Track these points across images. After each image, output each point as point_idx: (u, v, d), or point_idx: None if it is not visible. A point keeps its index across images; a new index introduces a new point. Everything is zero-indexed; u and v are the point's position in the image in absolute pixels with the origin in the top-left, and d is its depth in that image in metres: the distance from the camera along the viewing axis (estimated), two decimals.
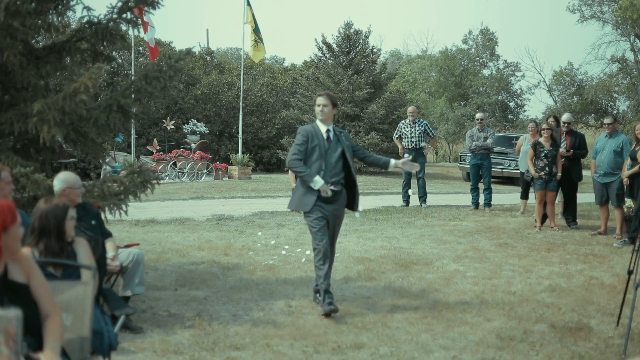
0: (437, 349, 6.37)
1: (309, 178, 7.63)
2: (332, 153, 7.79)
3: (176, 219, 14.63)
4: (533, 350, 6.35)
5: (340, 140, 7.90)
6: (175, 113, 35.46)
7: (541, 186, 13.63)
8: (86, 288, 4.17)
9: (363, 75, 33.09)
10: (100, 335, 4.76)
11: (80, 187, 6.59)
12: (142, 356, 6.08)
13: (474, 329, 7.02)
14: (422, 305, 7.90)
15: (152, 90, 8.11)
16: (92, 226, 6.81)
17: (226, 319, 7.26)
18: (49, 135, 7.20)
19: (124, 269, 7.00)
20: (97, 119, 7.77)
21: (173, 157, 27.84)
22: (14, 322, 2.87)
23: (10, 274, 3.78)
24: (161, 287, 8.63)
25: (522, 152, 15.72)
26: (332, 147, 7.82)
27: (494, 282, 9.19)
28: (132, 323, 6.85)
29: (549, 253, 11.34)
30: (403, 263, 10.28)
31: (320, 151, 7.73)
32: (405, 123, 17.72)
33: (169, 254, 10.69)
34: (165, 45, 38.41)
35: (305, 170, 7.66)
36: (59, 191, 6.43)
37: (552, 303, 8.11)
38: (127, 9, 8.08)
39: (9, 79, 7.57)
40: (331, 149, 7.80)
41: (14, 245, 3.63)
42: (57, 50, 8.03)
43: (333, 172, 7.77)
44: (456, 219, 15.37)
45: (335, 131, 7.96)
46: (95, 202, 7.53)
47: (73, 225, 5.07)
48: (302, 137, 7.78)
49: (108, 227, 7.33)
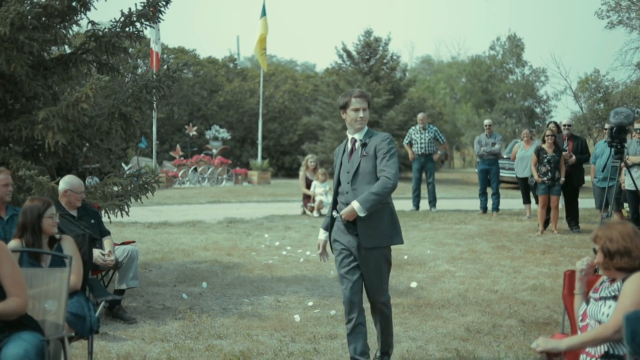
0: (405, 339, 6.84)
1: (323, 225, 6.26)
2: (349, 170, 5.92)
3: (188, 222, 15.22)
4: (496, 342, 6.80)
5: (366, 147, 5.87)
6: (198, 119, 36.21)
7: (544, 191, 13.99)
8: (63, 275, 4.74)
9: (382, 82, 33.54)
10: (83, 319, 5.37)
11: (81, 192, 7.26)
12: (131, 343, 6.64)
13: (447, 323, 7.48)
14: (404, 302, 8.35)
15: (151, 99, 8.66)
16: (91, 225, 7.42)
17: (215, 312, 7.81)
18: (54, 141, 7.82)
19: (119, 264, 7.56)
20: (100, 125, 8.37)
21: (194, 162, 28.49)
22: None
23: None
24: (161, 283, 9.19)
25: (517, 158, 16.12)
26: (354, 159, 5.93)
27: (480, 281, 9.61)
28: (126, 314, 7.45)
29: (543, 255, 11.71)
30: (397, 263, 10.71)
31: (338, 168, 6.05)
32: (416, 129, 18.16)
33: (174, 253, 11.26)
34: (189, 53, 39.13)
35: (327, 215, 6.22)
36: (61, 192, 7.10)
37: (529, 301, 8.52)
38: (130, 24, 8.66)
39: (18, 89, 8.19)
40: (352, 162, 5.93)
41: None
42: (64, 62, 8.65)
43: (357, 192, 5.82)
44: (462, 222, 15.76)
45: (365, 137, 5.92)
46: (96, 203, 8.11)
47: (53, 223, 5.63)
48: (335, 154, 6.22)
49: (122, 229, 7.92)
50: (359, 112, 5.85)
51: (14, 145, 8.44)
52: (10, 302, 4.35)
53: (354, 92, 5.94)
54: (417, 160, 17.99)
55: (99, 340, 6.63)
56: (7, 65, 7.65)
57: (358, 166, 5.84)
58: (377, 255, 5.83)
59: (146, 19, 8.73)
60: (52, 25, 8.32)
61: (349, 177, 5.89)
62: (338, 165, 6.03)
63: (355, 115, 5.85)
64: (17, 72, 7.76)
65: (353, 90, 5.98)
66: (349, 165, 5.92)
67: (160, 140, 32.80)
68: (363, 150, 5.87)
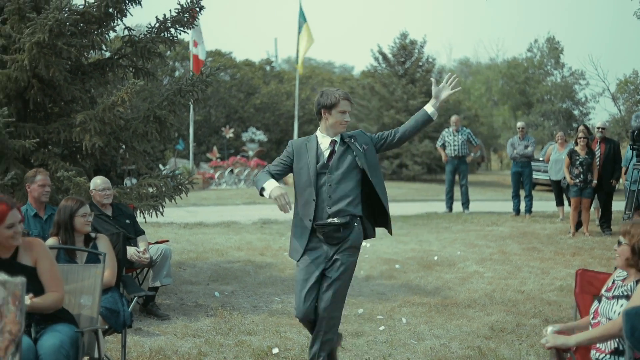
0: (430, 337, 7.02)
1: (258, 183, 5.63)
2: (335, 171, 5.61)
3: (223, 222, 15.49)
4: (518, 340, 6.94)
5: (352, 148, 5.63)
6: (235, 122, 36.60)
7: (576, 193, 14.03)
8: (97, 271, 5.00)
9: (418, 84, 33.63)
10: (117, 314, 5.63)
11: (105, 190, 7.53)
12: (163, 338, 6.90)
13: (471, 321, 7.63)
14: (431, 302, 8.51)
15: (185, 103, 8.92)
16: (125, 224, 7.70)
17: (246, 310, 8.05)
18: (91, 143, 8.12)
19: (153, 262, 7.82)
20: (135, 128, 8.66)
21: (230, 164, 28.82)
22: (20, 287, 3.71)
23: (19, 258, 4.64)
24: (195, 282, 9.44)
25: (551, 160, 16.15)
26: (335, 164, 5.63)
27: (507, 281, 9.73)
28: (159, 311, 7.72)
29: (573, 257, 11.78)
30: (426, 264, 10.89)
31: (309, 171, 5.63)
32: (449, 131, 18.25)
33: (209, 253, 11.52)
34: (226, 56, 39.55)
35: (259, 176, 5.71)
36: (90, 192, 7.44)
37: (555, 301, 8.64)
38: (165, 29, 8.93)
39: (56, 93, 8.49)
40: (333, 165, 5.62)
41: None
42: (101, 67, 8.96)
43: (335, 198, 5.59)
44: (494, 224, 15.83)
45: (344, 139, 5.69)
46: (132, 203, 8.39)
47: (86, 221, 5.89)
48: (288, 150, 5.81)
49: (158, 229, 8.19)
50: (346, 115, 5.62)
51: (53, 147, 8.76)
52: (48, 296, 4.60)
53: (342, 93, 5.62)
54: (451, 162, 18.08)
55: (132, 335, 6.90)
56: (46, 70, 7.95)
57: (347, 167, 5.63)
58: None
59: (181, 24, 8.97)
60: (90, 31, 8.62)
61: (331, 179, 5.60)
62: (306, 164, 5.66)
63: (341, 117, 5.59)
64: (55, 77, 8.06)
65: (339, 91, 5.63)
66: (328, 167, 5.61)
67: (197, 142, 33.26)
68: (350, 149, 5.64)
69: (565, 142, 16.23)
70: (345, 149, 5.65)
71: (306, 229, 5.59)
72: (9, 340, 3.78)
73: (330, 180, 5.58)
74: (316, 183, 5.59)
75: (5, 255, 4.59)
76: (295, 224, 5.75)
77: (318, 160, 5.63)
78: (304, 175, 5.63)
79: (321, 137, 5.73)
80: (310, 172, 5.60)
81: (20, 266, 4.54)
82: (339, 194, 5.56)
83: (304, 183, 5.62)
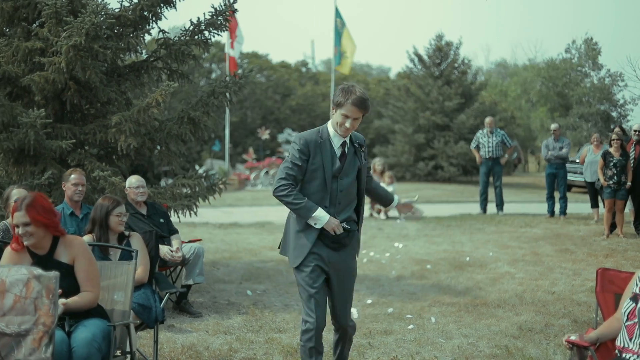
0: (458, 336, 7.07)
1: (306, 213, 5.01)
2: (345, 177, 5.17)
3: (257, 223, 15.65)
4: (546, 340, 6.97)
5: (358, 156, 5.25)
6: (271, 123, 36.85)
7: (610, 195, 13.95)
8: (129, 267, 5.15)
9: (453, 85, 33.57)
10: (149, 310, 5.80)
11: (138, 187, 7.73)
12: (195, 335, 7.05)
13: (500, 321, 7.67)
14: (461, 301, 8.56)
15: (219, 104, 9.08)
16: (159, 223, 7.87)
17: (277, 308, 8.17)
18: (126, 144, 8.30)
19: (186, 261, 7.98)
20: (170, 129, 8.82)
21: (266, 165, 29.03)
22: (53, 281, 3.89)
23: (56, 254, 4.80)
24: (228, 280, 9.60)
25: (586, 162, 16.07)
26: (347, 168, 5.18)
27: (538, 282, 9.73)
28: (192, 308, 7.87)
29: (606, 258, 11.72)
30: (458, 265, 10.93)
31: (325, 174, 5.09)
32: (483, 133, 18.23)
33: (242, 253, 11.68)
34: (262, 58, 39.81)
35: (300, 201, 5.00)
36: (124, 189, 7.69)
37: (585, 302, 8.64)
38: (199, 32, 9.09)
39: (93, 94, 8.69)
40: (345, 170, 5.17)
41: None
42: (136, 69, 9.14)
43: (344, 204, 5.22)
44: (527, 226, 15.79)
45: (353, 142, 5.25)
46: (166, 203, 8.56)
47: (120, 221, 6.08)
48: (301, 148, 5.07)
49: (193, 229, 8.35)
50: (347, 120, 5.00)
51: (89, 147, 8.97)
52: (82, 296, 4.74)
53: (354, 99, 4.97)
54: (485, 163, 18.05)
55: (165, 332, 7.05)
56: (82, 72, 8.14)
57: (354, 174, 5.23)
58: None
59: (214, 27, 9.12)
60: (125, 34, 8.81)
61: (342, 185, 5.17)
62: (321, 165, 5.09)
63: (342, 120, 5.01)
64: (92, 79, 8.24)
65: (355, 95, 4.99)
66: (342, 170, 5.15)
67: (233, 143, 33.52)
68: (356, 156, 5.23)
69: (601, 143, 16.14)
70: (353, 152, 5.22)
71: (312, 233, 5.09)
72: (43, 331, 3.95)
73: (340, 186, 5.14)
74: (330, 188, 5.13)
75: (42, 252, 4.76)
76: (298, 225, 5.18)
77: (333, 164, 5.10)
78: (317, 178, 5.08)
79: (333, 134, 5.13)
80: (327, 177, 5.08)
81: (57, 263, 4.71)
82: (347, 200, 5.22)
83: (316, 187, 5.10)
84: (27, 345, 3.99)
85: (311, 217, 4.97)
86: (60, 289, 4.21)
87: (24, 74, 8.48)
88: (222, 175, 22.11)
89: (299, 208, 4.98)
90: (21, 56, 8.48)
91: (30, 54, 8.47)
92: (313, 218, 4.97)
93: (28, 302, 4.05)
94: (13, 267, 4.21)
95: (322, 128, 5.18)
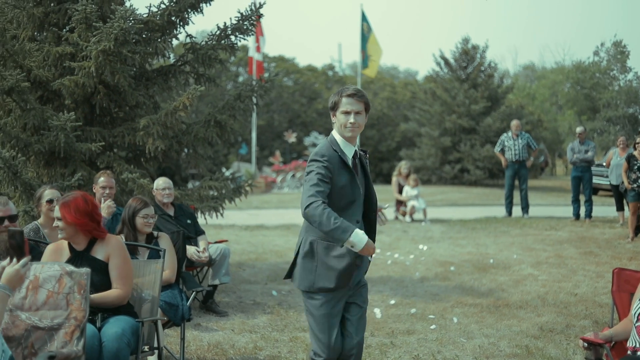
0: (479, 336, 7.17)
1: (341, 234, 4.21)
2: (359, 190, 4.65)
3: (283, 225, 15.81)
4: (566, 341, 7.04)
5: (365, 167, 4.78)
6: (298, 126, 37.05)
7: (634, 198, 13.93)
8: (157, 265, 5.32)
9: (480, 89, 33.56)
10: (176, 308, 5.96)
11: (165, 189, 7.93)
12: (221, 333, 7.21)
13: (521, 322, 7.75)
14: (483, 302, 8.65)
15: (245, 108, 9.23)
16: (187, 224, 8.04)
17: (302, 308, 8.27)
18: (154, 146, 8.47)
19: (213, 261, 8.13)
20: (197, 132, 8.99)
21: (292, 168, 29.21)
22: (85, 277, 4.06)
23: (93, 251, 4.98)
24: (253, 281, 9.76)
25: (612, 165, 16.06)
26: (360, 182, 4.68)
27: (561, 284, 9.79)
28: (218, 308, 8.04)
29: (630, 261, 11.73)
30: (482, 267, 11.00)
31: (352, 190, 4.58)
32: (508, 136, 18.25)
33: (268, 254, 11.84)
34: (289, 61, 40.02)
35: (335, 221, 4.22)
36: (152, 191, 7.89)
37: (607, 304, 8.66)
38: (225, 37, 9.25)
39: (121, 98, 8.87)
40: (361, 181, 4.71)
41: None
42: (164, 73, 9.32)
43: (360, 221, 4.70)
44: (552, 229, 15.80)
45: (358, 153, 4.75)
46: (193, 204, 8.73)
47: (147, 222, 6.27)
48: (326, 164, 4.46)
49: (220, 231, 8.51)
50: (350, 115, 4.51)
51: (118, 150, 9.17)
52: (111, 292, 4.92)
53: (347, 89, 4.57)
54: (511, 166, 18.07)
55: (192, 330, 7.22)
56: (111, 76, 8.33)
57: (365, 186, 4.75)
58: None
59: (240, 32, 9.28)
60: (153, 39, 8.99)
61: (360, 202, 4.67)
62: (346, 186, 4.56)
63: (344, 119, 4.52)
64: (120, 83, 8.44)
65: (346, 88, 4.60)
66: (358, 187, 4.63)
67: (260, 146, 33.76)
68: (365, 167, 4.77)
69: (627, 147, 16.11)
70: (361, 164, 4.75)
71: (344, 258, 4.49)
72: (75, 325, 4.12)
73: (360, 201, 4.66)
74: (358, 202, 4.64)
75: (79, 248, 4.98)
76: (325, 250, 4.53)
77: (354, 176, 4.61)
78: (346, 197, 4.55)
79: (344, 144, 4.61)
80: (355, 194, 4.60)
81: (92, 259, 4.89)
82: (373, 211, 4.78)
83: (344, 205, 4.53)
84: (59, 338, 4.17)
85: (347, 240, 4.21)
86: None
87: (55, 78, 8.70)
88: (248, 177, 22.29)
89: (334, 229, 4.20)
90: (52, 61, 8.70)
91: (61, 59, 8.68)
92: (349, 242, 4.21)
93: (60, 297, 4.23)
94: (46, 264, 4.40)
95: (330, 140, 4.63)
